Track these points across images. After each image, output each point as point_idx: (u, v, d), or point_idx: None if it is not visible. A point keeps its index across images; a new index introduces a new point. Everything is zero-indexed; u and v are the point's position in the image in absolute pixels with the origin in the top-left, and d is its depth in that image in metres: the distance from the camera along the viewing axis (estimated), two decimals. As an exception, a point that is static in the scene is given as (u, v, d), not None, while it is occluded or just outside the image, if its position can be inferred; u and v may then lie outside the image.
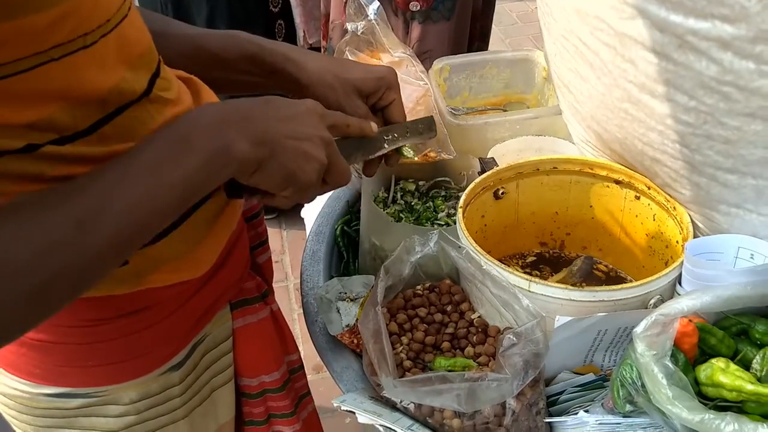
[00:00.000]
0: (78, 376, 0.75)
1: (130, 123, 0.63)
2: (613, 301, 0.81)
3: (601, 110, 0.92)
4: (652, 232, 0.98)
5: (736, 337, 0.78)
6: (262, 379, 0.91)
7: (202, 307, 0.81)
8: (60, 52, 0.55)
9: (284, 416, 0.96)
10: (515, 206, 1.05)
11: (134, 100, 0.63)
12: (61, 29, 0.54)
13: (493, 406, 0.79)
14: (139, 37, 0.66)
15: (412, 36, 1.56)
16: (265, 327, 0.91)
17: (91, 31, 0.57)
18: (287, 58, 0.83)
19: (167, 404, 0.81)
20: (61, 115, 0.58)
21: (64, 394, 0.75)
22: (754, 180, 0.80)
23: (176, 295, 0.76)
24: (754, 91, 0.73)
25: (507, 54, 1.29)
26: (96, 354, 0.73)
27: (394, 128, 0.87)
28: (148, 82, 0.65)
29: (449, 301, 0.92)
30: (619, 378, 0.75)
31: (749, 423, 0.64)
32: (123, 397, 0.77)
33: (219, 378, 0.88)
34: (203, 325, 0.82)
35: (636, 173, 0.96)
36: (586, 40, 0.88)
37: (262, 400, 0.93)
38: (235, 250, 0.84)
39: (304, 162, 0.67)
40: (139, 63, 0.65)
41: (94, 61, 0.58)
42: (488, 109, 1.29)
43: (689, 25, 0.73)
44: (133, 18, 0.64)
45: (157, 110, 0.66)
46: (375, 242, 1.04)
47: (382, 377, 0.79)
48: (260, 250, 0.97)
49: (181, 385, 0.81)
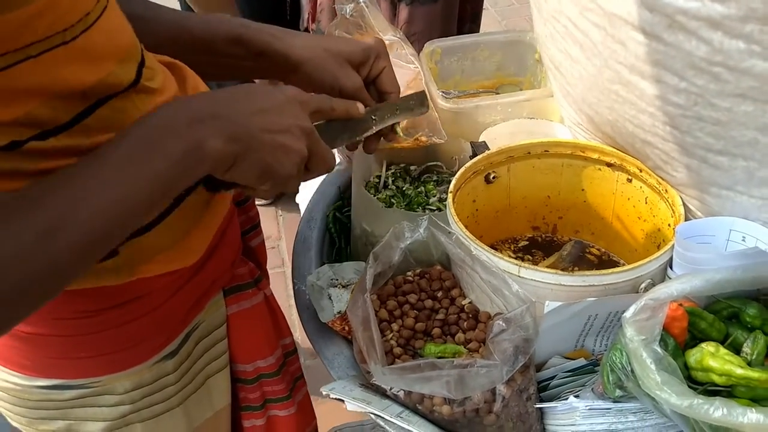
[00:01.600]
0: (71, 367, 0.75)
1: (113, 114, 0.62)
2: (603, 286, 0.80)
3: (592, 92, 0.91)
4: (644, 215, 0.97)
5: (727, 320, 0.77)
6: (258, 365, 0.91)
7: (195, 295, 0.81)
8: (38, 49, 0.54)
9: (280, 400, 0.96)
10: (507, 190, 1.04)
11: (120, 91, 0.63)
12: (37, 26, 0.53)
13: (483, 393, 0.78)
14: (124, 26, 0.65)
15: (399, 18, 1.53)
16: (260, 312, 0.91)
17: (70, 26, 0.56)
18: (275, 38, 0.82)
19: (162, 392, 0.81)
20: (41, 109, 0.57)
21: (57, 386, 0.75)
22: (745, 162, 0.79)
23: (168, 284, 0.75)
24: (744, 71, 0.72)
25: (499, 36, 1.27)
26: (89, 345, 0.73)
27: (384, 107, 0.85)
28: (136, 72, 0.64)
29: (440, 287, 0.92)
30: (609, 363, 0.75)
31: (738, 407, 0.64)
32: (117, 387, 0.77)
33: (214, 365, 0.88)
34: (196, 313, 0.82)
35: (628, 156, 0.95)
36: (576, 20, 0.87)
37: (258, 385, 0.93)
38: (225, 237, 0.84)
39: (282, 155, 0.66)
40: (127, 54, 0.64)
41: (78, 57, 0.58)
42: (480, 92, 1.27)
43: (679, 4, 0.72)
44: (113, 7, 0.63)
45: (141, 100, 0.65)
46: (366, 228, 1.03)
47: (371, 365, 0.79)
48: (252, 234, 0.96)
49: (176, 373, 0.81)
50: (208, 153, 0.60)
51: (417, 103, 0.89)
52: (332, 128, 0.77)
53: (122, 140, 0.58)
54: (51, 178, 0.56)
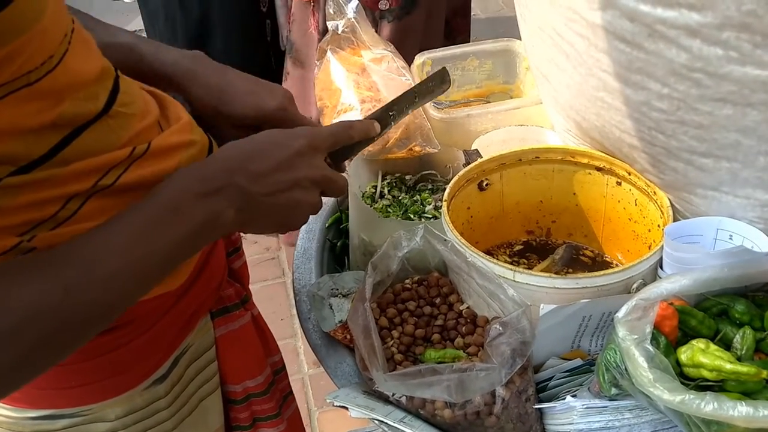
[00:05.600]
0: (62, 397, 0.74)
1: (91, 142, 0.62)
2: (596, 287, 0.83)
3: (579, 99, 0.93)
4: (634, 216, 1.00)
5: (716, 317, 0.79)
6: (246, 385, 0.92)
7: (183, 318, 0.81)
8: (3, 91, 0.54)
9: (269, 418, 0.97)
10: (500, 197, 1.07)
11: (91, 120, 0.62)
12: (6, 69, 0.53)
13: (483, 395, 0.80)
14: (90, 57, 0.64)
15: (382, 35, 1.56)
16: (247, 333, 0.92)
17: (35, 68, 0.55)
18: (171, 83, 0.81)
19: (154, 417, 0.81)
20: (14, 146, 0.57)
21: (48, 416, 0.75)
22: (729, 163, 0.81)
23: (156, 307, 0.75)
24: (723, 76, 0.74)
25: (487, 45, 1.30)
26: (79, 374, 0.73)
27: (402, 98, 0.84)
28: (106, 101, 0.64)
29: (438, 294, 0.94)
30: (603, 362, 0.77)
31: (728, 401, 0.66)
32: (109, 414, 0.77)
33: (206, 387, 0.88)
34: (185, 336, 0.82)
35: (616, 160, 0.98)
36: (561, 31, 0.89)
37: (247, 405, 0.94)
38: (211, 259, 0.84)
39: (294, 210, 0.69)
40: (95, 85, 0.63)
41: (40, 96, 0.57)
42: (471, 101, 1.30)
43: (657, 14, 0.75)
44: (77, 46, 0.61)
45: (120, 125, 0.65)
46: (364, 238, 1.05)
47: (373, 372, 0.81)
48: (235, 257, 0.97)
49: (168, 397, 0.81)
50: (223, 223, 0.64)
51: (437, 83, 0.87)
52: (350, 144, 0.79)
53: (142, 207, 0.61)
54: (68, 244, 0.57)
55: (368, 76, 1.14)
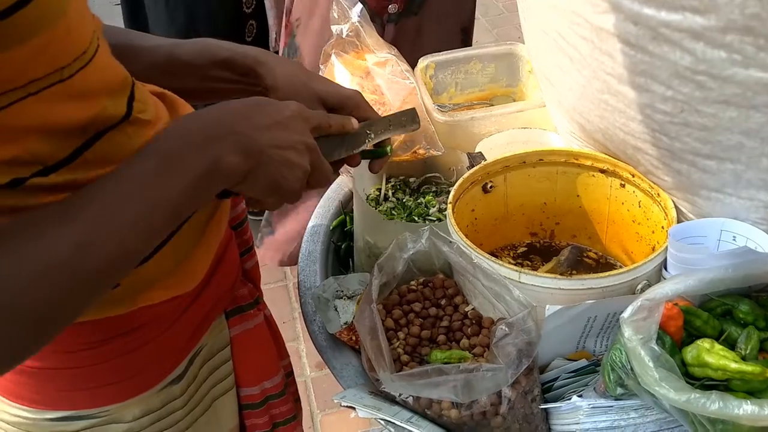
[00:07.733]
0: (79, 398, 0.75)
1: (110, 147, 0.63)
2: (601, 288, 0.83)
3: (583, 102, 0.94)
4: (638, 218, 1.01)
5: (721, 317, 0.80)
6: (265, 386, 0.92)
7: (198, 319, 0.81)
8: (37, 87, 0.55)
9: (287, 421, 0.97)
10: (504, 199, 1.07)
11: (113, 124, 0.64)
12: (38, 63, 0.54)
13: (489, 396, 0.81)
14: (113, 62, 0.66)
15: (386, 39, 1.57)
16: (262, 332, 0.92)
17: (67, 64, 0.57)
18: (258, 62, 0.84)
19: (170, 417, 0.81)
20: (41, 146, 0.58)
21: (66, 417, 0.75)
22: (732, 165, 0.82)
23: (171, 309, 0.76)
24: (726, 79, 0.75)
25: (491, 49, 1.31)
26: (96, 376, 0.74)
27: (377, 122, 0.87)
28: (126, 106, 0.65)
29: (443, 295, 0.95)
30: (609, 362, 0.78)
31: (733, 400, 0.66)
32: (126, 415, 0.77)
33: (219, 387, 0.89)
34: (200, 336, 0.82)
35: (620, 162, 0.99)
36: (565, 34, 0.90)
37: (266, 408, 0.94)
38: (225, 259, 0.85)
39: (288, 170, 0.69)
40: (118, 89, 0.65)
41: (74, 94, 0.58)
42: (475, 104, 1.31)
43: (661, 17, 0.76)
44: (104, 46, 0.64)
45: (135, 132, 0.66)
46: (369, 240, 1.06)
47: (380, 372, 0.81)
48: (247, 257, 0.97)
49: (183, 397, 0.81)
50: (225, 168, 0.63)
51: (408, 119, 0.91)
52: (329, 143, 0.79)
53: (143, 158, 0.61)
54: (80, 194, 0.58)
55: (372, 80, 1.15)
